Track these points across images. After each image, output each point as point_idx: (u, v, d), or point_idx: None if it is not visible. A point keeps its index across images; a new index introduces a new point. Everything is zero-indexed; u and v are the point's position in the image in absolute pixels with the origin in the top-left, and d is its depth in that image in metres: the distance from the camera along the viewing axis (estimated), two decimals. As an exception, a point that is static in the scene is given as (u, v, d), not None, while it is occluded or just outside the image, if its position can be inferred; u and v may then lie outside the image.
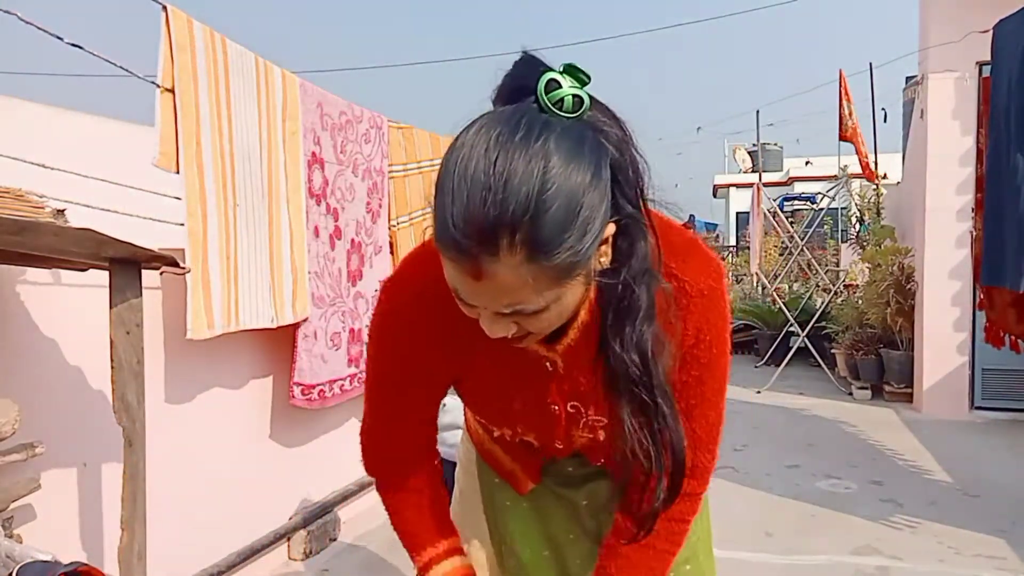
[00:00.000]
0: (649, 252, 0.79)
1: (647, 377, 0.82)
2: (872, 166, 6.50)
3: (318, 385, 2.80)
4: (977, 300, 3.15)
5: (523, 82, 0.72)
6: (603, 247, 0.77)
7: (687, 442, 0.87)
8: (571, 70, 0.72)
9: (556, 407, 0.96)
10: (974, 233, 2.99)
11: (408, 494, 1.05)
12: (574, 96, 0.71)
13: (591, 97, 0.73)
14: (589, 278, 0.77)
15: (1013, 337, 2.87)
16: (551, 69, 0.72)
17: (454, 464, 2.18)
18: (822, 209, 8.15)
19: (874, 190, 6.71)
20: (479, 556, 1.21)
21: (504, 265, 0.68)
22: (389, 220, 3.35)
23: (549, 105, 0.70)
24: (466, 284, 0.72)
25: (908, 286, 5.60)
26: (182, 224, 2.09)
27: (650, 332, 0.81)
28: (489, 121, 0.71)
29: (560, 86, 0.71)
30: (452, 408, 2.10)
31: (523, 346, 0.83)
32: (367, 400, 1.04)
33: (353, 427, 3.14)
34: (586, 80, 0.72)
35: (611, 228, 0.76)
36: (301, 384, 2.72)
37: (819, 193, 9.69)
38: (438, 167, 0.74)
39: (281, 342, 2.71)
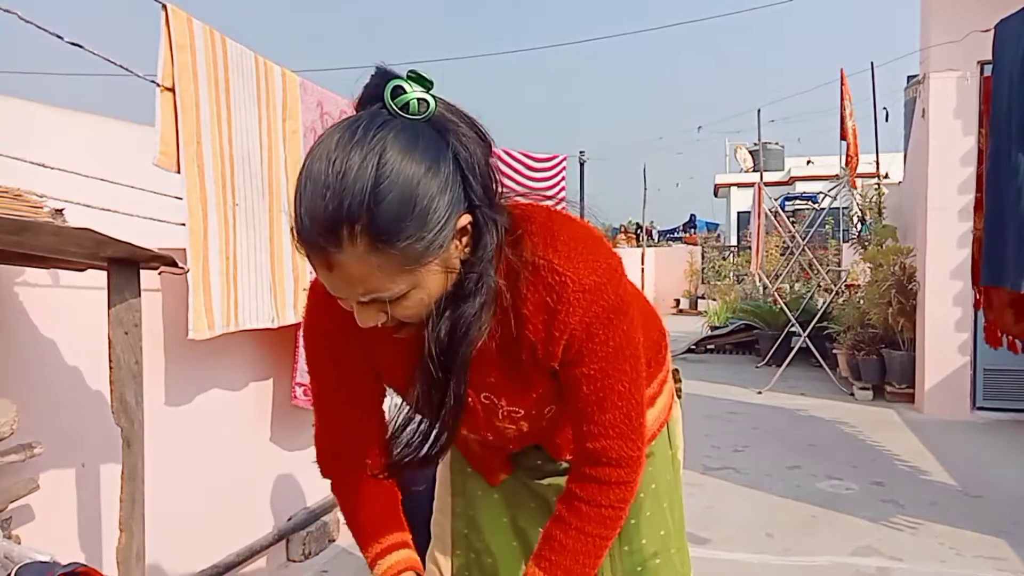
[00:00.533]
0: (494, 247, 0.85)
1: (449, 357, 0.87)
2: (874, 167, 6.48)
3: (318, 385, 2.79)
4: (973, 300, 3.13)
5: (374, 91, 0.79)
6: (464, 239, 0.83)
7: (608, 432, 0.94)
8: (416, 77, 0.79)
9: (471, 399, 1.00)
10: (974, 233, 2.98)
11: (358, 491, 1.08)
12: (419, 99, 0.78)
13: (436, 99, 0.80)
14: (448, 266, 0.82)
15: (1011, 337, 2.86)
16: (398, 77, 0.79)
17: None
18: (823, 209, 8.14)
19: (875, 189, 6.70)
20: (446, 539, 1.25)
21: (349, 255, 0.75)
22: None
23: (395, 109, 0.78)
24: (324, 276, 0.79)
25: (910, 286, 5.59)
26: (182, 224, 2.08)
27: (471, 318, 0.86)
28: (335, 127, 0.78)
29: (405, 92, 0.78)
30: None
31: (403, 336, 0.89)
32: (314, 403, 1.09)
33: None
34: (430, 85, 0.79)
35: (466, 219, 0.81)
36: (304, 384, 2.72)
37: (820, 192, 9.68)
38: None
39: (281, 343, 2.71)
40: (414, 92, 0.78)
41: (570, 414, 0.98)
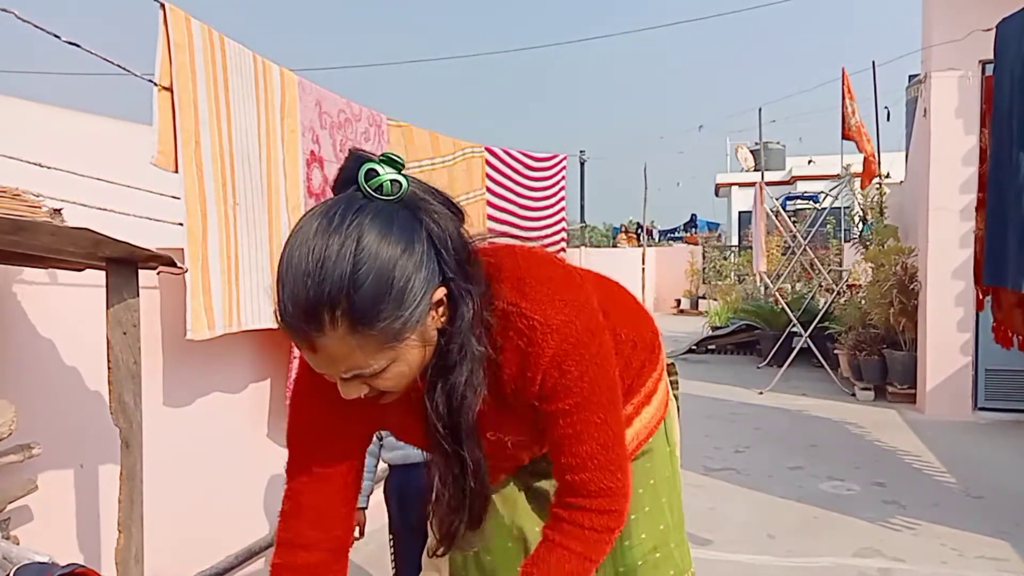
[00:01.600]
0: (471, 316, 0.88)
1: (454, 427, 0.91)
2: (877, 164, 6.45)
3: (318, 385, 2.78)
4: (975, 300, 3.12)
5: (349, 174, 0.84)
6: (440, 309, 0.87)
7: (587, 464, 0.95)
8: (387, 160, 0.83)
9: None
10: (976, 233, 2.97)
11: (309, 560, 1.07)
12: (392, 181, 0.82)
13: (408, 179, 0.84)
14: (426, 338, 0.86)
15: (1020, 337, 2.85)
16: (372, 160, 0.83)
17: (402, 468, 2.16)
18: (825, 208, 8.13)
19: (877, 189, 6.68)
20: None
21: (330, 338, 0.78)
22: (389, 220, 3.34)
23: (370, 191, 0.82)
24: (308, 356, 0.83)
25: (911, 286, 5.58)
26: (180, 224, 2.08)
27: (463, 386, 0.89)
28: (313, 213, 0.82)
29: (378, 174, 0.82)
30: None
31: (387, 401, 0.92)
32: (288, 465, 1.10)
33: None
34: (400, 165, 0.84)
35: (441, 292, 0.86)
36: (301, 384, 2.71)
37: (822, 192, 9.67)
38: (429, 168, 0.79)
39: (279, 342, 2.70)
40: (386, 174, 0.82)
41: (549, 448, 1.00)
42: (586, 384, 0.93)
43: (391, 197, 0.82)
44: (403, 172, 0.84)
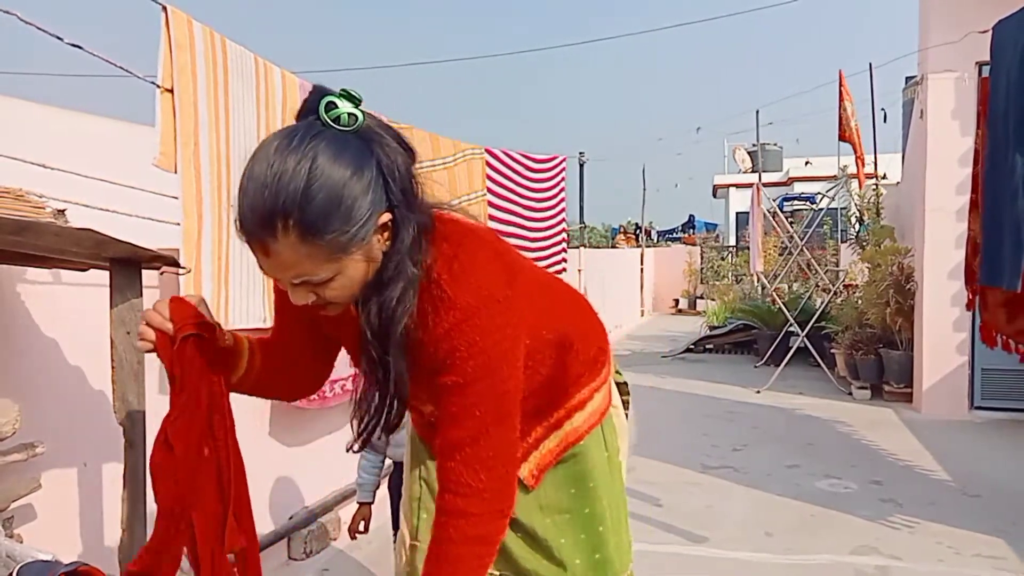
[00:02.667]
0: (411, 241, 0.96)
1: (382, 337, 0.99)
2: (872, 168, 6.49)
3: (318, 385, 2.79)
4: (966, 300, 3.13)
5: (311, 106, 0.92)
6: (385, 234, 0.95)
7: (454, 453, 1.00)
8: (346, 94, 0.93)
9: None
10: (968, 234, 2.98)
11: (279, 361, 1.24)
12: (348, 113, 0.91)
13: (365, 113, 0.93)
14: (370, 256, 0.95)
15: (1005, 337, 2.87)
16: (331, 94, 0.92)
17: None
18: (822, 209, 8.15)
19: (873, 190, 6.71)
20: (409, 502, 1.34)
21: (282, 244, 0.87)
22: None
23: (328, 121, 0.90)
24: (262, 261, 0.91)
25: (907, 286, 5.60)
26: (178, 224, 2.09)
27: (394, 300, 0.97)
28: (275, 135, 0.91)
29: (337, 107, 0.91)
30: None
31: (329, 313, 1.01)
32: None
33: (353, 427, 3.12)
34: (359, 101, 0.93)
35: (386, 217, 0.94)
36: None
37: (819, 193, 9.69)
38: (429, 169, 0.85)
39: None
40: (344, 108, 0.91)
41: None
42: (470, 369, 0.98)
43: (347, 128, 0.91)
44: (360, 107, 0.92)
